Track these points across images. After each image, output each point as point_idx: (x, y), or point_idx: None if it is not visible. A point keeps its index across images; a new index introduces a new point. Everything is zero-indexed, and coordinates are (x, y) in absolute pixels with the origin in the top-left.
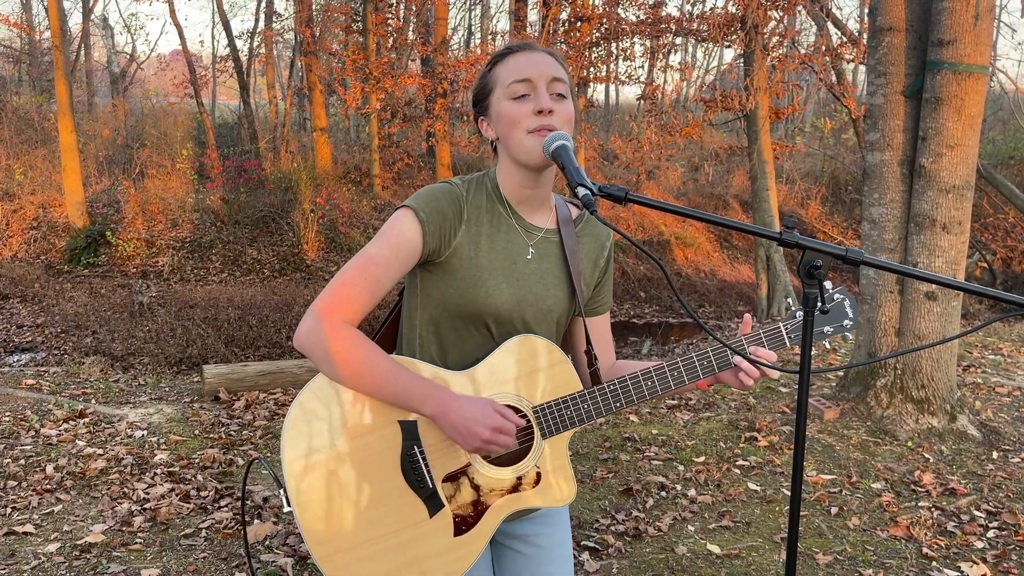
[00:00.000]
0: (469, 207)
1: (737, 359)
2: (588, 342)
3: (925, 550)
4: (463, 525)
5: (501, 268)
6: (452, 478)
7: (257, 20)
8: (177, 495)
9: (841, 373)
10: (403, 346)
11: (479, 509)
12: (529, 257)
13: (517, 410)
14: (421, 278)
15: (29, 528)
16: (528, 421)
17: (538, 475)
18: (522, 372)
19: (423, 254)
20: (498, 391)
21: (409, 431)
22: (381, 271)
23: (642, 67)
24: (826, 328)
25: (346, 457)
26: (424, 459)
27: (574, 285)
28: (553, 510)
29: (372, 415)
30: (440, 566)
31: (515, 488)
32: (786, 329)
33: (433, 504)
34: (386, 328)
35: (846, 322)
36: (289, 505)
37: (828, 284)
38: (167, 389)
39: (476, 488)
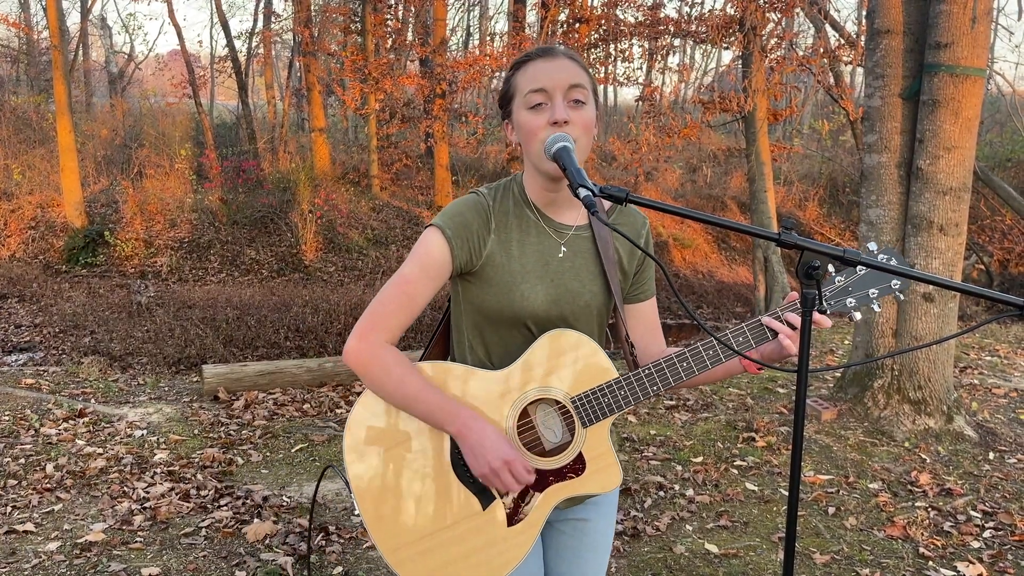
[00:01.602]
0: (497, 215)
1: (766, 319)
2: (627, 331)
3: (922, 550)
4: (515, 516)
5: (534, 270)
6: None
7: (256, 20)
8: (177, 494)
9: (839, 374)
10: (454, 348)
11: (529, 499)
12: (561, 256)
13: (558, 403)
14: (461, 287)
15: (29, 527)
16: (564, 405)
17: (583, 463)
18: (557, 366)
19: (454, 268)
20: (535, 386)
21: None
22: (414, 289)
23: (640, 68)
24: (871, 291)
25: (402, 457)
26: (464, 458)
27: (608, 278)
28: (605, 497)
29: None
30: (496, 555)
31: (562, 477)
32: (825, 296)
33: (485, 497)
34: (441, 331)
35: (894, 282)
36: (358, 508)
37: (872, 245)
38: (166, 389)
39: None
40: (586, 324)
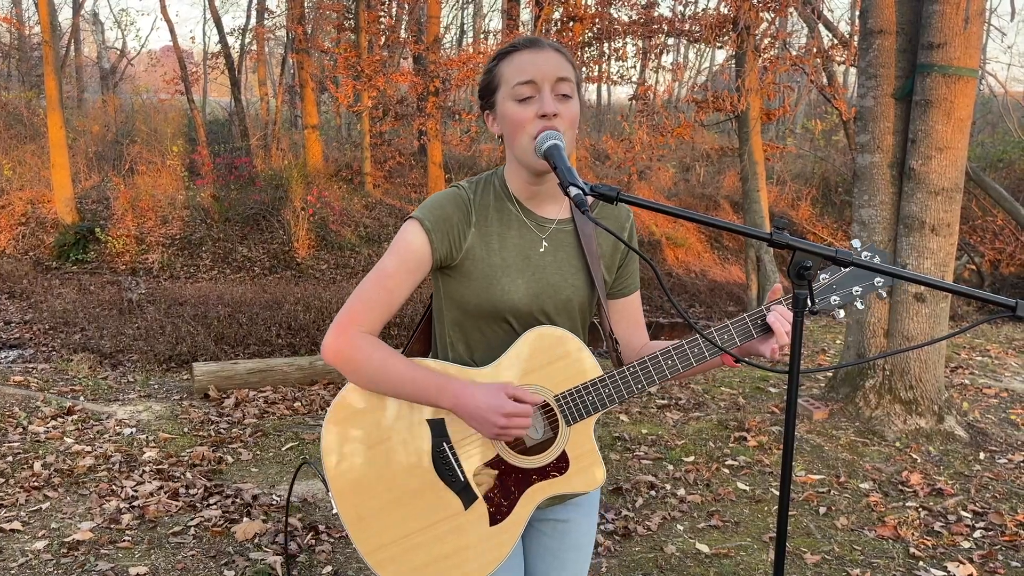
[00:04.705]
0: (477, 209)
1: (770, 319)
2: (611, 326)
3: (912, 550)
4: (497, 515)
5: (515, 264)
6: (483, 470)
7: (249, 17)
8: (166, 493)
9: (830, 374)
10: (436, 346)
11: (512, 498)
12: (543, 250)
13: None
14: (442, 282)
15: (16, 525)
16: (547, 403)
17: (566, 462)
18: (541, 363)
19: (434, 261)
20: (519, 383)
21: (437, 428)
22: (393, 282)
23: (634, 67)
24: (855, 288)
25: (382, 457)
26: (454, 454)
27: (591, 273)
28: (590, 496)
29: (402, 416)
30: (478, 555)
31: (545, 476)
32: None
33: (467, 496)
34: (421, 329)
35: (877, 280)
36: (336, 507)
37: (856, 243)
38: (156, 386)
39: (507, 478)
40: (568, 319)
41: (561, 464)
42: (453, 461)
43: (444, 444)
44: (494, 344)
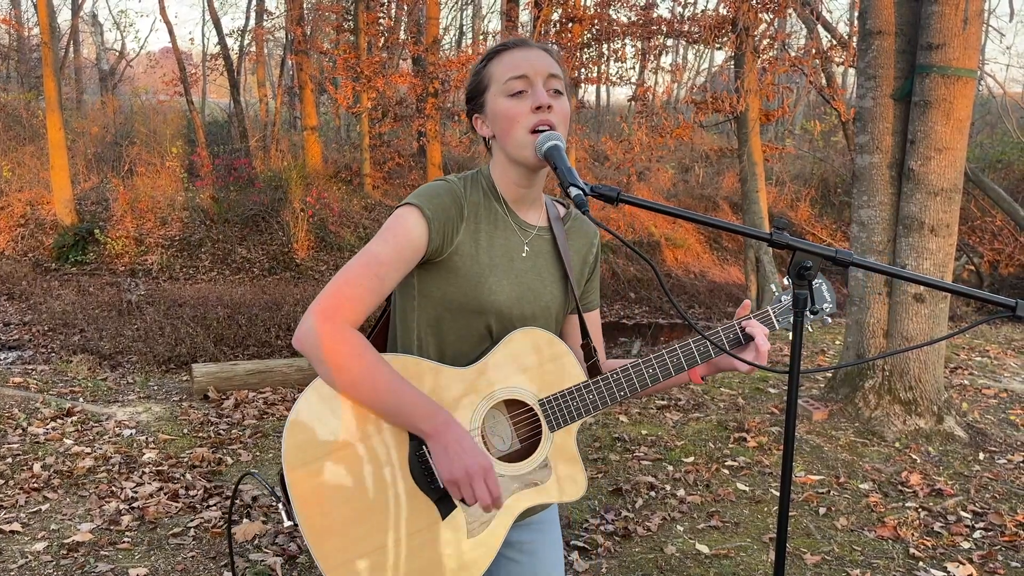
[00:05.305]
0: (468, 204)
1: (751, 328)
2: (587, 335)
3: (912, 550)
4: (477, 525)
5: (501, 265)
6: None
7: (248, 18)
8: (166, 494)
9: (830, 374)
10: (398, 349)
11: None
12: (524, 255)
13: (522, 404)
14: (419, 279)
15: (16, 527)
16: (530, 408)
17: (549, 468)
18: (526, 365)
19: (427, 252)
20: (503, 385)
21: None
22: (385, 270)
23: (633, 68)
24: (806, 312)
25: (352, 462)
26: (433, 459)
27: (568, 281)
28: (545, 517)
29: (376, 416)
30: (457, 568)
31: (527, 483)
32: (774, 312)
33: (445, 505)
34: (378, 331)
35: (825, 306)
36: (290, 519)
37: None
38: (156, 388)
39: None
40: (545, 325)
41: (543, 471)
42: (433, 466)
43: (424, 447)
44: (468, 348)
